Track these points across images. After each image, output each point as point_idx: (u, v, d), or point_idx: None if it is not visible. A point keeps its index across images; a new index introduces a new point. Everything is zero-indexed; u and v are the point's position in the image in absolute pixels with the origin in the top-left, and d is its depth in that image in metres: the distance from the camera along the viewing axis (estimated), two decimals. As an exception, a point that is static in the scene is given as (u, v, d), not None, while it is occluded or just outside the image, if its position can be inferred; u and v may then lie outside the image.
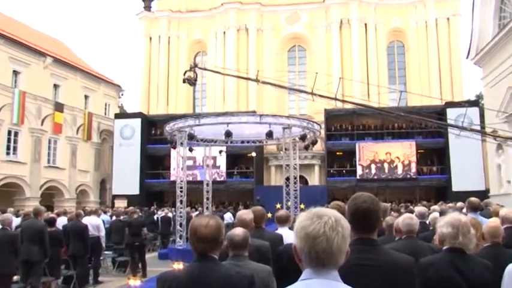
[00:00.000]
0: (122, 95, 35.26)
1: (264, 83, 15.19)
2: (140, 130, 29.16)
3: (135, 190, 27.96)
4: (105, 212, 16.32)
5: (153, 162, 29.41)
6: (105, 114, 32.36)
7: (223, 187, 27.27)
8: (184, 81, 14.91)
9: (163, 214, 18.03)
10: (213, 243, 2.18)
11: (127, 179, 27.86)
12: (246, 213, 4.02)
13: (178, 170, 15.31)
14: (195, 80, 14.93)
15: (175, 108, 33.50)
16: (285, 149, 15.42)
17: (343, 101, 17.05)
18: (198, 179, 25.90)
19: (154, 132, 29.80)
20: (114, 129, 29.69)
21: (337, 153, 28.02)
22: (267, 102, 31.93)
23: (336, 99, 14.46)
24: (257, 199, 21.88)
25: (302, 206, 15.53)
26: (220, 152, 20.08)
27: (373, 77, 31.11)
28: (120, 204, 25.95)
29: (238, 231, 3.05)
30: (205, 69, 16.43)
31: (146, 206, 23.26)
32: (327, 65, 31.71)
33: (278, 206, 19.25)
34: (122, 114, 32.53)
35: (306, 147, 16.53)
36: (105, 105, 32.71)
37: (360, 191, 2.30)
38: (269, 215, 18.70)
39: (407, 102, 29.12)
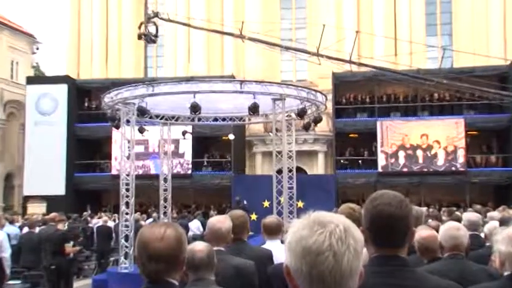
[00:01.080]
0: (38, 49, 34.66)
1: (251, 40, 15.13)
2: (67, 102, 28.89)
3: (58, 189, 27.80)
4: (11, 222, 16.12)
5: (86, 149, 29.24)
6: (12, 77, 31.81)
7: (189, 184, 27.32)
8: (140, 38, 14.75)
9: (100, 223, 18.03)
10: (171, 263, 2.19)
11: (46, 172, 27.60)
12: (221, 221, 4.05)
13: (123, 159, 15.22)
14: (156, 35, 14.78)
15: (118, 70, 33.15)
16: (276, 130, 15.44)
17: (361, 64, 17.11)
18: (152, 172, 25.90)
19: (88, 104, 29.53)
20: (27, 99, 29.31)
21: (351, 135, 28.24)
22: (251, 63, 31.84)
23: (350, 61, 14.49)
24: (236, 200, 22.00)
25: (300, 203, 15.70)
26: (184, 133, 20.03)
27: (403, 29, 31.18)
28: (36, 209, 25.71)
29: (200, 246, 3.11)
30: (170, 20, 16.24)
31: (76, 211, 23.11)
32: (337, 10, 31.63)
33: (266, 204, 19.40)
34: (38, 78, 32.08)
35: (306, 127, 16.59)
36: (11, 63, 32.11)
37: (383, 189, 2.31)
38: (253, 217, 18.97)
39: (454, 63, 29.31)
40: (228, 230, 3.97)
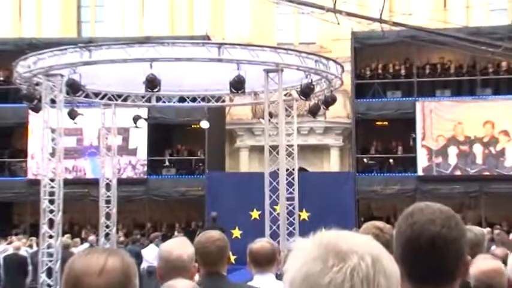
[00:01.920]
0: None
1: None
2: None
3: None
4: None
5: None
6: None
7: (143, 193, 27.33)
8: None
9: (9, 251, 18.07)
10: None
11: None
12: (179, 245, 4.06)
13: (44, 157, 15.19)
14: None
15: (38, 27, 33.07)
16: (270, 115, 15.48)
17: (396, 24, 17.16)
18: (89, 176, 25.90)
19: (-5, 77, 29.43)
20: None
21: (378, 123, 28.41)
22: (233, 19, 31.80)
23: (381, 20, 14.50)
24: (212, 217, 22.05)
25: (304, 214, 15.75)
26: (137, 120, 20.01)
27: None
28: None
29: (183, 284, 3.10)
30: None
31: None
32: None
33: (255, 214, 19.44)
34: None
35: (313, 111, 16.66)
36: None
37: (424, 201, 2.31)
38: (236, 233, 18.94)
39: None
40: (192, 258, 3.95)
